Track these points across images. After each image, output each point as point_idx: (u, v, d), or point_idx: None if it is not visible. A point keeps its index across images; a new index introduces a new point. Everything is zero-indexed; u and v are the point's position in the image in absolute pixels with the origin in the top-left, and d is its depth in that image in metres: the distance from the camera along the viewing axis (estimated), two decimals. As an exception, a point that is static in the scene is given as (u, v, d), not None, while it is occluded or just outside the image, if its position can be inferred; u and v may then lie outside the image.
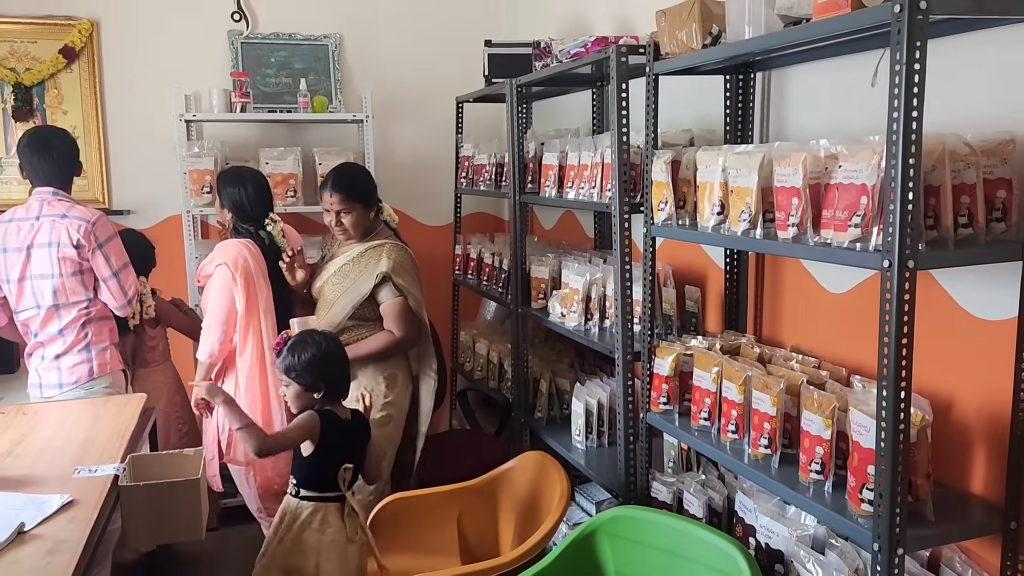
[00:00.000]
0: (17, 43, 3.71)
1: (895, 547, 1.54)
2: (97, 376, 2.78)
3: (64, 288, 2.72)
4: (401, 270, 2.84)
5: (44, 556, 1.63)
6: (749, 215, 1.90)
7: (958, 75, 1.76)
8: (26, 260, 2.71)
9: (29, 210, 2.75)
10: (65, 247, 2.69)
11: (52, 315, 2.73)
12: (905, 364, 1.49)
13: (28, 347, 2.81)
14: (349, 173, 2.92)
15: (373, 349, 2.83)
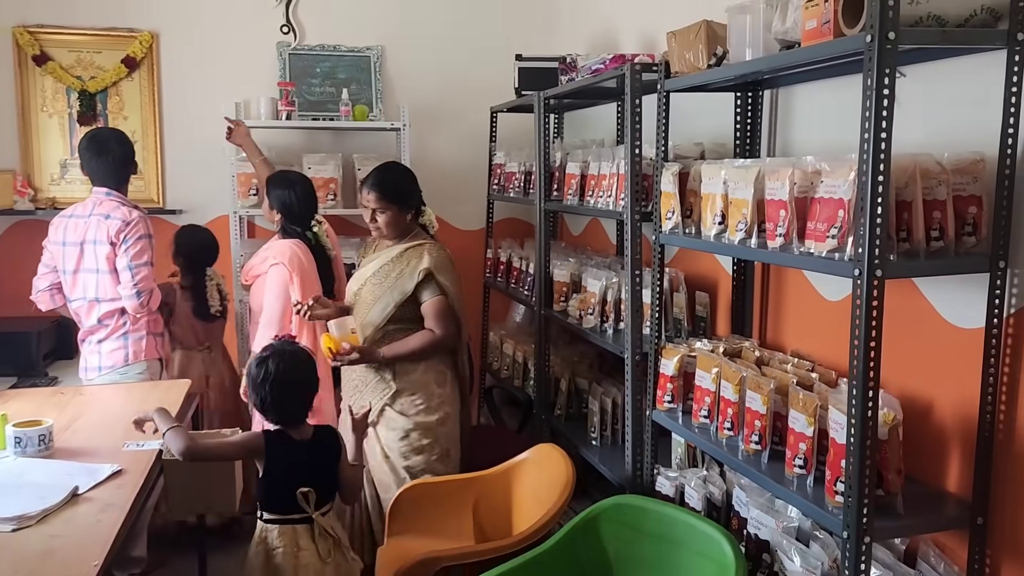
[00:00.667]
0: (83, 53, 3.99)
1: (862, 535, 1.66)
2: (132, 362, 3.01)
3: (103, 284, 2.95)
4: (443, 268, 2.77)
5: (95, 515, 1.84)
6: (745, 225, 2.03)
7: (934, 99, 1.88)
8: (80, 255, 2.97)
9: (85, 208, 3.01)
10: (104, 245, 2.93)
11: (93, 306, 2.98)
12: (873, 365, 1.61)
13: (80, 333, 3.07)
14: (390, 173, 2.87)
15: (415, 348, 2.76)
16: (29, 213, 3.92)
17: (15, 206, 3.88)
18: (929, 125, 1.90)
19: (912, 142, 1.86)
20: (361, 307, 2.85)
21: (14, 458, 2.16)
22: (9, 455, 2.17)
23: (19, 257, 3.94)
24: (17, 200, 3.89)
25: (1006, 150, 1.66)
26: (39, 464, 2.12)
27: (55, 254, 3.02)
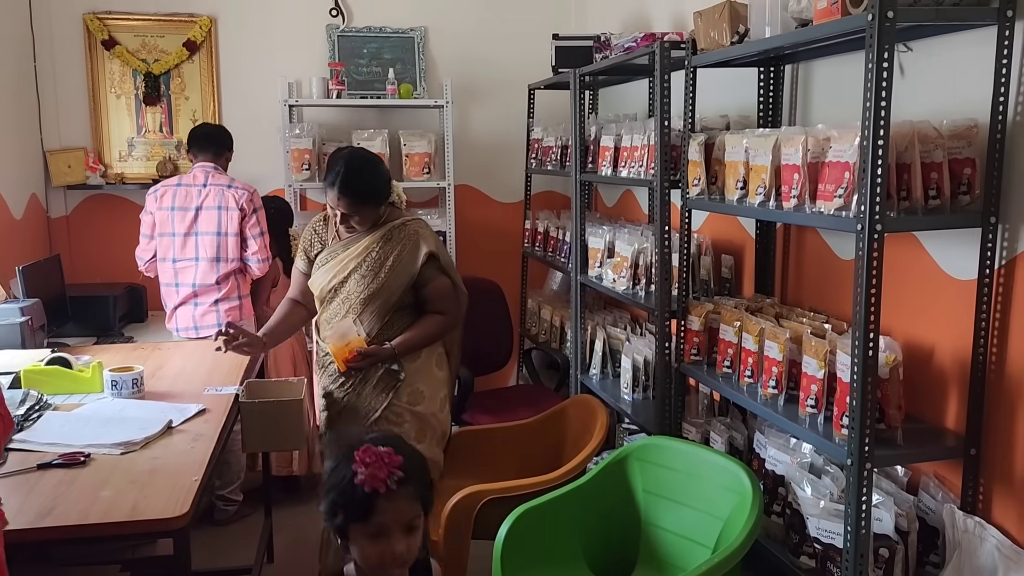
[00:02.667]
0: (147, 37, 4.27)
1: (864, 463, 1.86)
2: (243, 319, 3.43)
3: (226, 245, 3.37)
4: (440, 247, 2.60)
5: (189, 443, 2.12)
6: (764, 189, 2.22)
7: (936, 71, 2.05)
8: (194, 219, 3.36)
9: (195, 179, 3.41)
10: (232, 211, 3.37)
11: (211, 267, 3.37)
12: (874, 310, 1.81)
13: (175, 297, 3.41)
14: (359, 175, 2.45)
15: (429, 334, 2.56)
16: (99, 188, 4.23)
17: (87, 181, 4.19)
18: (931, 95, 2.08)
19: (916, 110, 2.04)
20: (350, 301, 2.53)
21: (111, 399, 2.45)
22: (107, 396, 2.47)
23: (92, 228, 4.27)
24: (89, 176, 4.20)
25: (997, 117, 1.83)
26: (134, 403, 2.41)
27: (160, 219, 3.39)
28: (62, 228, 4.25)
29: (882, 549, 1.96)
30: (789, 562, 2.18)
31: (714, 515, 2.24)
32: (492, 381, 4.19)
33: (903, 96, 2.10)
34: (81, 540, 1.74)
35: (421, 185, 4.30)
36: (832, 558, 2.03)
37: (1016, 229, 1.86)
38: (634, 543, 2.40)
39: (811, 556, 2.12)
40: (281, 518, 3.44)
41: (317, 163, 4.23)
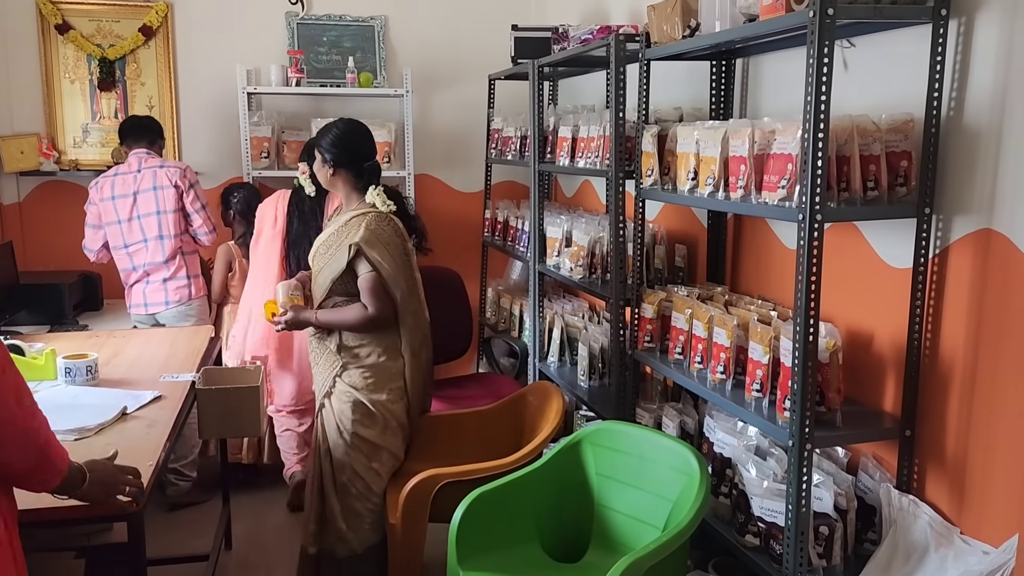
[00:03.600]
0: (103, 22, 4.21)
1: (804, 444, 1.94)
2: (195, 298, 3.62)
3: (167, 222, 3.52)
4: (376, 242, 2.59)
5: (144, 429, 2.13)
6: (713, 180, 2.28)
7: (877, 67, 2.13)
8: (133, 204, 3.50)
9: (130, 166, 3.53)
10: (167, 188, 3.52)
11: (158, 246, 3.52)
12: (814, 296, 1.88)
13: (132, 277, 3.56)
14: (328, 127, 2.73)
15: (345, 320, 2.63)
16: (52, 174, 4.17)
17: (40, 167, 4.13)
18: (873, 89, 2.15)
19: (859, 104, 2.12)
20: (315, 276, 2.73)
21: (65, 386, 2.44)
22: (60, 384, 2.46)
23: (45, 215, 4.21)
24: (42, 162, 4.14)
25: (932, 112, 1.91)
26: (88, 390, 2.41)
27: (103, 210, 3.49)
28: (14, 215, 4.18)
29: (822, 527, 2.04)
30: (735, 540, 2.25)
31: (664, 497, 2.31)
32: (452, 369, 4.22)
33: (847, 90, 2.18)
34: (36, 524, 1.75)
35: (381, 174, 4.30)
36: (775, 536, 2.11)
37: (949, 220, 1.95)
38: (587, 524, 2.46)
39: (755, 534, 2.19)
40: (239, 506, 3.45)
41: (276, 151, 4.22)
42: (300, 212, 3.43)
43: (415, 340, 2.74)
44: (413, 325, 2.72)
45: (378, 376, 2.66)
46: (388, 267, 2.60)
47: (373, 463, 2.70)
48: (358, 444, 2.67)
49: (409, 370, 2.72)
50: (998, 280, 1.83)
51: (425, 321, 2.80)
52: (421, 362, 2.77)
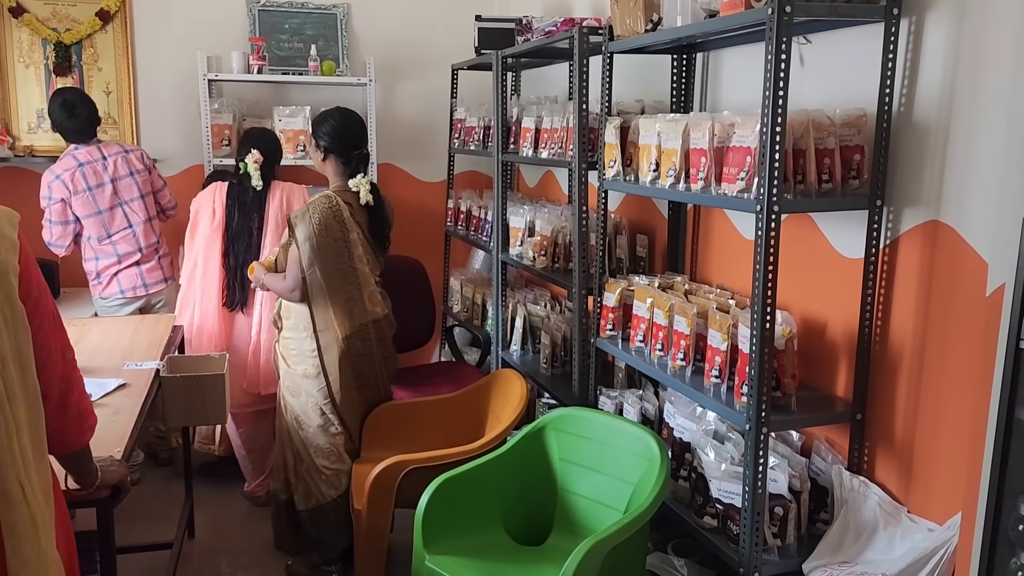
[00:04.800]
0: (59, 5, 4.13)
1: (760, 427, 2.01)
2: (169, 278, 3.69)
3: (151, 204, 3.63)
4: (305, 221, 2.72)
5: (109, 417, 2.12)
6: (675, 171, 2.34)
7: (832, 63, 2.20)
8: (113, 192, 3.50)
9: (91, 154, 3.46)
10: (142, 172, 3.60)
11: (147, 228, 3.60)
12: (771, 285, 1.95)
13: (118, 265, 3.55)
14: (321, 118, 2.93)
15: (272, 285, 2.83)
16: (6, 160, 4.08)
17: (-6, 154, 4.05)
18: (827, 85, 2.23)
19: (814, 99, 2.19)
20: None
21: (26, 375, 2.41)
22: (21, 373, 2.43)
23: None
24: (-4, 148, 4.06)
25: (884, 107, 1.99)
26: (50, 379, 2.38)
27: (80, 202, 3.46)
28: (-33, 202, 4.09)
29: (777, 508, 2.12)
30: (694, 522, 2.32)
31: (625, 480, 2.37)
32: (414, 358, 4.24)
33: (802, 85, 2.24)
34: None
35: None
36: (732, 517, 2.18)
37: (899, 212, 2.03)
38: (551, 509, 2.51)
39: (713, 516, 2.26)
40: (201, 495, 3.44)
41: (237, 139, 4.18)
42: (241, 204, 3.37)
43: (345, 327, 2.81)
44: (346, 312, 2.82)
45: (297, 350, 2.84)
46: (306, 246, 2.72)
47: (302, 430, 2.87)
48: (291, 409, 2.88)
49: (328, 354, 2.81)
50: (945, 269, 1.91)
51: (367, 312, 2.87)
52: (356, 350, 2.85)
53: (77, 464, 1.69)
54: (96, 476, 1.74)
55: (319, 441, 2.86)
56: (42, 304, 1.46)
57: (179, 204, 3.82)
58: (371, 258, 2.91)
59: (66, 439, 1.59)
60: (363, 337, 2.87)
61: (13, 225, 1.43)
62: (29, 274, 1.43)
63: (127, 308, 3.60)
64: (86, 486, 1.73)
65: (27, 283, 1.41)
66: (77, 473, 1.71)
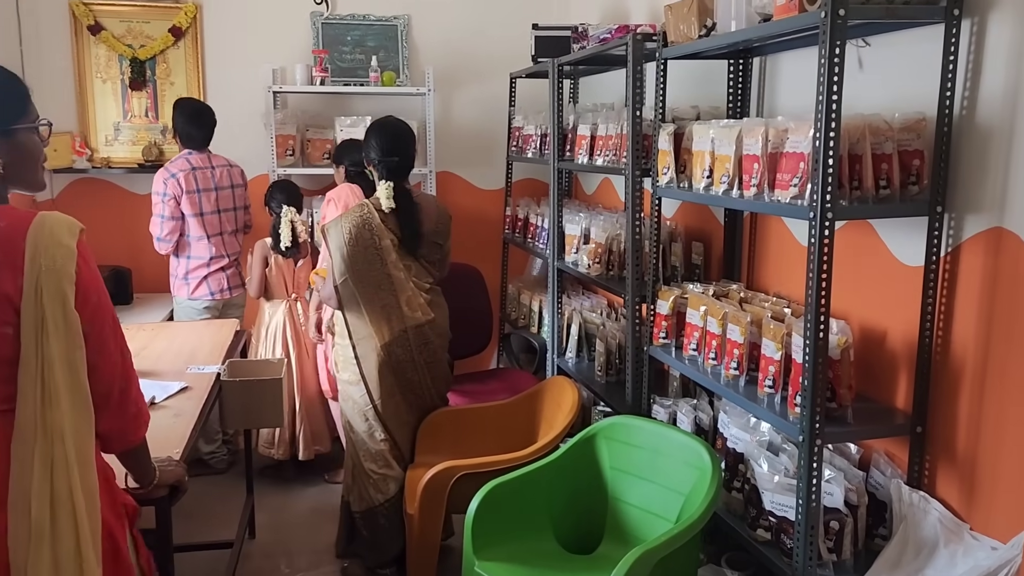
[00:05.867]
0: (133, 23, 4.31)
1: (815, 439, 1.96)
2: (242, 284, 3.95)
3: (241, 217, 3.93)
4: (335, 230, 2.81)
5: (171, 419, 2.20)
6: (728, 178, 2.31)
7: (891, 66, 2.15)
8: (216, 198, 3.77)
9: (203, 161, 3.78)
10: (240, 187, 3.90)
11: (236, 238, 3.90)
12: (825, 293, 1.91)
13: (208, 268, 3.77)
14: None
15: (317, 291, 3.03)
16: (85, 172, 4.28)
17: (73, 165, 4.24)
18: (887, 88, 2.17)
19: (872, 103, 2.13)
20: None
21: (96, 377, 2.52)
22: (91, 375, 2.54)
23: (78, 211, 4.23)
24: (75, 159, 4.24)
25: (944, 111, 1.93)
26: (118, 381, 2.48)
27: (189, 202, 3.69)
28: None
29: (833, 522, 2.06)
30: (746, 534, 2.28)
31: (677, 490, 2.34)
32: (472, 364, 4.28)
33: (859, 89, 2.19)
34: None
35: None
36: (785, 530, 2.14)
37: (961, 218, 1.96)
38: (601, 517, 2.50)
39: (767, 529, 2.22)
40: (264, 496, 3.53)
41: (301, 149, 4.30)
42: None
43: (384, 334, 2.84)
44: (384, 320, 2.84)
45: (343, 357, 2.93)
46: (337, 256, 2.81)
47: (353, 434, 2.95)
48: (343, 414, 2.99)
49: (366, 362, 2.86)
50: (1009, 278, 1.84)
51: (406, 318, 2.88)
52: (396, 357, 2.87)
53: (136, 461, 1.76)
54: (154, 475, 1.81)
55: (366, 446, 2.92)
56: (101, 310, 1.53)
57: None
58: (413, 264, 2.93)
59: (126, 435, 1.66)
60: (403, 343, 2.89)
61: (73, 234, 1.49)
62: (87, 283, 1.49)
63: (210, 311, 3.80)
64: (145, 484, 1.80)
65: (84, 291, 1.47)
66: (136, 471, 1.78)
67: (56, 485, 1.40)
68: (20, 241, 1.43)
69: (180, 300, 3.81)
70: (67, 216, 1.51)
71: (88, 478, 1.47)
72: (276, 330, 3.73)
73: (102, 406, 1.52)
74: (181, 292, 3.78)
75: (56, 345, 1.40)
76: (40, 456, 1.39)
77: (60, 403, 1.41)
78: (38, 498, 1.39)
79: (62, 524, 1.40)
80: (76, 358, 1.44)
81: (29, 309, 1.40)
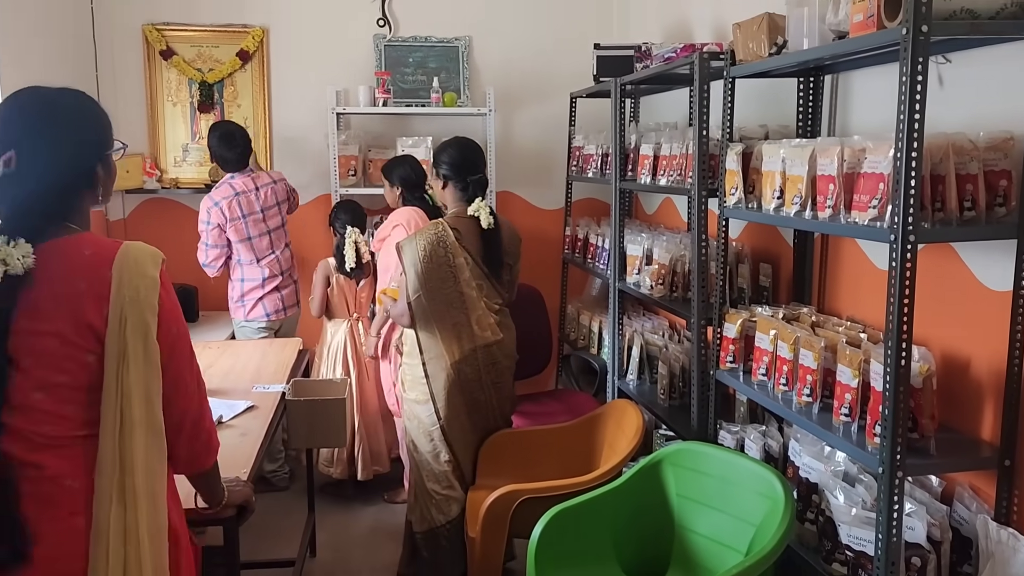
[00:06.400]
0: (203, 47, 4.43)
1: (895, 471, 1.88)
2: (298, 303, 3.99)
3: (286, 233, 3.94)
4: (410, 247, 2.82)
5: (238, 437, 2.23)
6: (800, 199, 2.25)
7: (975, 83, 2.06)
8: (263, 219, 3.79)
9: (246, 184, 3.77)
10: (285, 203, 3.92)
11: (287, 254, 3.92)
12: (907, 319, 1.83)
13: (262, 290, 3.80)
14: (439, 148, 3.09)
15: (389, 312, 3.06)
16: (154, 192, 4.39)
17: (144, 186, 4.36)
18: (970, 106, 2.08)
19: (955, 121, 2.05)
20: None
21: (165, 395, 2.57)
22: (161, 392, 2.59)
23: (147, 230, 4.43)
24: (146, 180, 4.36)
25: (1033, 129, 1.84)
26: (187, 400, 2.52)
27: (235, 229, 3.72)
28: (120, 231, 4.42)
29: (914, 558, 1.97)
30: (821, 569, 2.19)
31: (747, 521, 2.27)
32: (531, 385, 4.24)
33: (942, 107, 2.11)
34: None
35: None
36: (863, 565, 2.05)
37: (1053, 241, 1.87)
38: (667, 545, 2.44)
39: (843, 563, 2.13)
40: (324, 515, 3.54)
41: (363, 169, 4.34)
42: None
43: (454, 352, 2.84)
44: (454, 338, 2.84)
45: (411, 377, 2.92)
46: (411, 272, 2.80)
47: (417, 454, 2.94)
48: (408, 433, 2.98)
49: (435, 381, 2.84)
50: (1107, 305, 1.74)
51: (476, 337, 2.88)
52: (464, 376, 2.87)
53: (206, 483, 1.77)
54: (223, 495, 1.82)
55: (429, 466, 2.91)
56: (180, 341, 1.54)
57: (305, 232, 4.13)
58: (484, 283, 2.92)
59: (197, 461, 1.68)
60: (472, 363, 2.88)
61: (156, 264, 1.51)
62: (169, 314, 1.50)
63: (266, 331, 3.82)
64: (214, 505, 1.81)
65: (167, 323, 1.49)
66: (206, 492, 1.79)
67: (127, 519, 1.41)
68: (106, 271, 1.44)
69: (237, 321, 3.86)
70: (150, 246, 1.53)
71: (156, 517, 1.47)
72: (338, 349, 3.76)
73: (174, 436, 1.53)
74: (238, 314, 3.83)
75: (135, 377, 1.42)
76: (117, 488, 1.40)
77: (135, 436, 1.42)
78: (115, 532, 1.39)
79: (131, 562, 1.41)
80: (153, 391, 1.45)
81: (113, 339, 1.41)
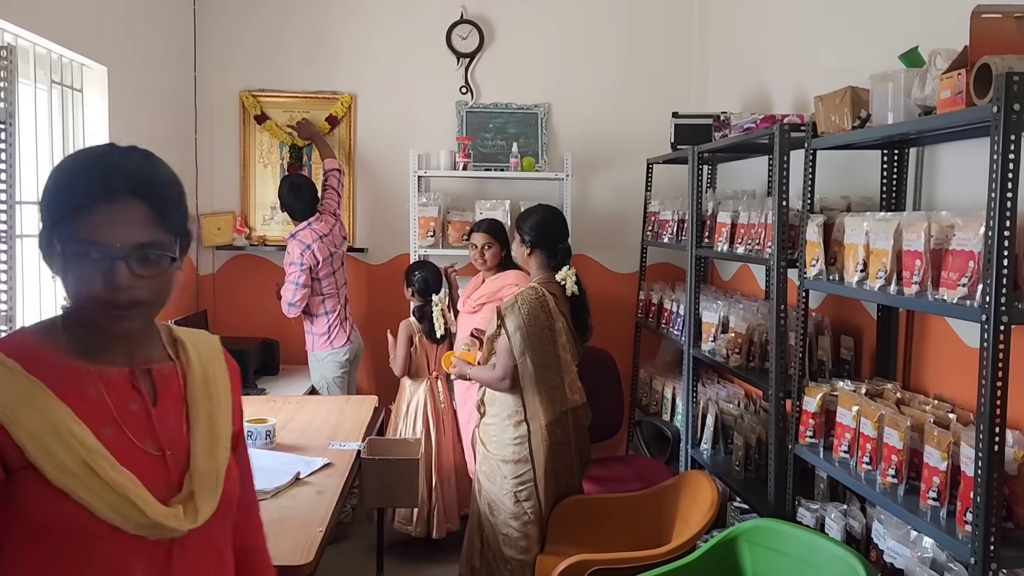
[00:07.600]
0: (294, 112, 4.64)
1: (989, 563, 1.79)
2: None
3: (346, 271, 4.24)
4: (515, 310, 2.86)
5: (314, 495, 2.27)
6: (885, 273, 2.21)
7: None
8: (331, 259, 4.09)
9: (325, 228, 4.10)
10: (343, 245, 4.22)
11: (345, 291, 4.20)
12: (1000, 403, 1.77)
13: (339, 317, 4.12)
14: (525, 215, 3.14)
15: (480, 376, 2.99)
16: (242, 249, 4.58)
17: (233, 242, 4.55)
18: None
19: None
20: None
21: (246, 449, 2.64)
22: (242, 446, 2.66)
23: (235, 285, 4.61)
24: (235, 238, 4.56)
25: None
26: (266, 454, 2.59)
27: (325, 268, 4.05)
28: (208, 285, 4.61)
29: (1009, 656, 1.86)
30: (907, 661, 2.09)
31: (827, 605, 2.19)
32: (602, 450, 4.19)
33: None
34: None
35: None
36: (954, 661, 1.94)
37: None
38: (742, 627, 2.36)
39: (931, 657, 2.03)
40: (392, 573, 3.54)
41: (441, 230, 4.44)
42: None
43: (547, 414, 2.88)
44: (547, 400, 2.88)
45: (498, 437, 2.91)
46: (517, 336, 2.84)
47: (494, 516, 2.92)
48: (486, 494, 2.93)
49: (534, 440, 2.88)
50: None
51: (567, 400, 2.94)
52: (555, 438, 2.90)
53: None
54: None
55: (508, 529, 2.89)
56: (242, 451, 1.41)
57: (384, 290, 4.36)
58: (572, 347, 2.98)
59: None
60: (562, 424, 2.92)
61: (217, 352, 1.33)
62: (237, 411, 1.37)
63: (350, 355, 4.12)
64: None
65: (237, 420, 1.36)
66: None
67: None
68: None
69: (321, 355, 4.04)
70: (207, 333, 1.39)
71: None
72: (418, 408, 3.80)
73: None
74: (324, 348, 4.04)
75: None
76: None
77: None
78: None
79: None
80: None
81: None
